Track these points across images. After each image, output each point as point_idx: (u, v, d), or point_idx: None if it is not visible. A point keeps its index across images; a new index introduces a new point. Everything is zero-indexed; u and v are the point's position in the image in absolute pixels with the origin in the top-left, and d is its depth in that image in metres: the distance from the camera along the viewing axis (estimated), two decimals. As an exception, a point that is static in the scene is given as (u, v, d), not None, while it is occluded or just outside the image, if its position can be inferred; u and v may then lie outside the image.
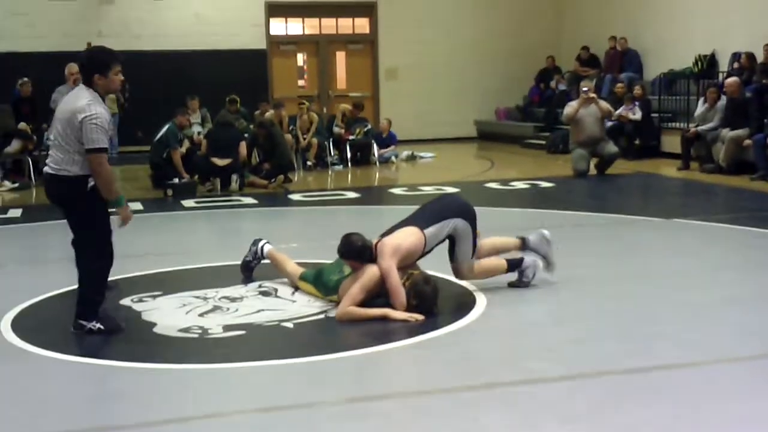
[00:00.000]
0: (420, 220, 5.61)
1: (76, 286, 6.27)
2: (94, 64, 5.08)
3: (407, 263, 5.46)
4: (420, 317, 5.18)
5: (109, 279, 5.45)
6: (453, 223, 5.59)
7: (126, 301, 5.87)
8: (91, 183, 5.02)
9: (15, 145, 13.11)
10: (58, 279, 6.50)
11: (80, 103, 4.96)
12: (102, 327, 5.09)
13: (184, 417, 3.87)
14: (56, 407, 4.03)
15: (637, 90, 14.86)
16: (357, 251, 5.46)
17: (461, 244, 5.65)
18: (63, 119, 5.03)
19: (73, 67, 11.05)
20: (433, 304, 5.34)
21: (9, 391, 4.26)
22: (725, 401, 3.92)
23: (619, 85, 15.46)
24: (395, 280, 5.27)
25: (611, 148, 12.73)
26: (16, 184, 12.71)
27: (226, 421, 3.84)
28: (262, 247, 6.39)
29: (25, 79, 13.90)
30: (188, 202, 10.93)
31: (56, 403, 4.09)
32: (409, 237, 5.47)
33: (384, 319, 5.20)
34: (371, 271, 5.35)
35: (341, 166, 14.76)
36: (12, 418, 3.90)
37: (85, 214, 5.16)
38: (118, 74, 5.11)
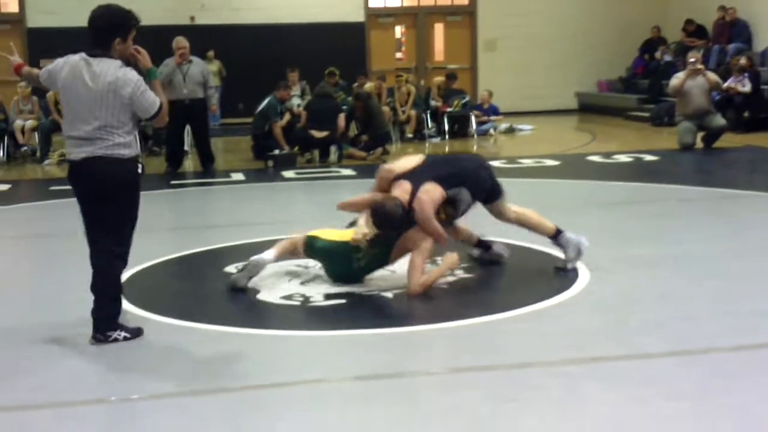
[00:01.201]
0: (442, 180, 5.43)
1: (179, 254, 6.52)
2: (115, 25, 4.46)
3: None
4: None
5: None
6: (462, 192, 5.50)
7: (230, 269, 5.98)
8: (140, 168, 4.53)
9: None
10: (163, 247, 6.67)
11: (117, 74, 4.39)
12: (128, 335, 4.53)
13: (286, 382, 3.93)
14: (166, 369, 4.15)
15: (743, 61, 14.31)
16: (401, 220, 5.31)
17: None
18: (98, 95, 4.37)
19: (180, 41, 11.32)
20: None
21: (120, 354, 4.40)
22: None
23: (736, 57, 14.86)
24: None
25: (719, 120, 12.32)
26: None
27: (327, 387, 3.88)
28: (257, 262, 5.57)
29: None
30: (288, 173, 11.07)
31: (165, 365, 4.21)
32: (437, 195, 5.38)
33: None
34: (428, 241, 5.30)
35: (438, 139, 14.71)
36: (124, 378, 4.03)
37: (130, 205, 4.54)
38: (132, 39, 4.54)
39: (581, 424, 3.39)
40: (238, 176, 11.05)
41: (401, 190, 5.38)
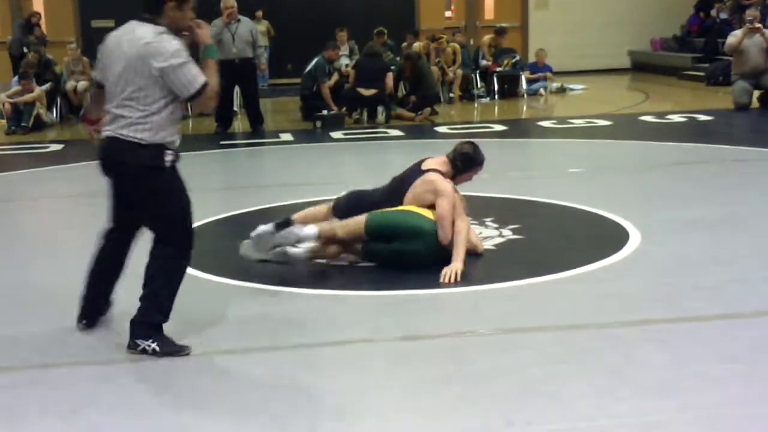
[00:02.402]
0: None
1: (229, 214, 6.56)
2: None
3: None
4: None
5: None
6: None
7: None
8: (169, 157, 3.89)
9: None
10: (213, 207, 6.73)
11: (152, 41, 3.76)
12: (158, 349, 3.82)
13: (337, 341, 3.96)
14: (217, 328, 4.19)
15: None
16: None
17: None
18: (128, 64, 3.77)
19: (228, 1, 11.31)
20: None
21: (173, 312, 4.44)
22: None
23: None
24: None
25: (776, 79, 12.00)
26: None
27: (377, 347, 3.90)
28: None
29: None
30: (336, 134, 11.06)
31: (217, 323, 4.25)
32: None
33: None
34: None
35: (488, 99, 14.56)
36: (178, 335, 4.08)
37: (153, 202, 3.92)
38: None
39: (632, 386, 3.36)
40: (287, 137, 11.07)
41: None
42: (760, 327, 4.00)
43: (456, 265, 4.80)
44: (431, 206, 5.06)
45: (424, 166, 5.30)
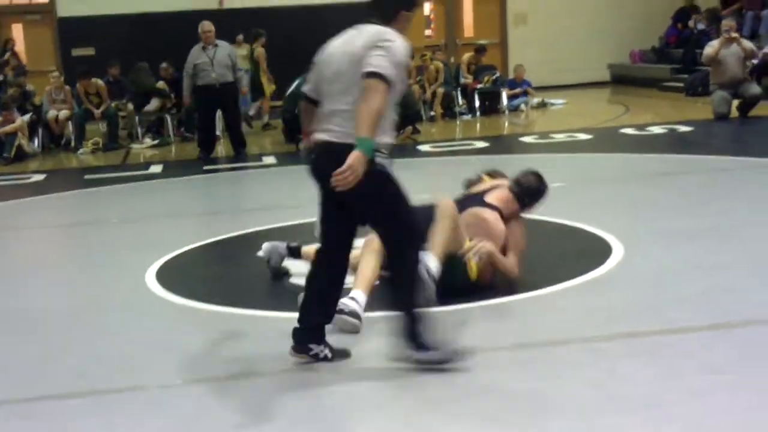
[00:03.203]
0: None
1: (213, 239, 6.55)
2: None
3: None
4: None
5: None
6: None
7: (263, 253, 5.99)
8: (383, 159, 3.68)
9: (154, 104, 13.56)
10: (197, 232, 6.72)
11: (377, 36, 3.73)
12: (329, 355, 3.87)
13: (317, 367, 3.93)
14: (202, 355, 4.18)
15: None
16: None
17: None
18: (346, 64, 3.75)
19: (205, 25, 11.33)
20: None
21: (158, 340, 4.44)
22: None
23: None
24: None
25: (754, 89, 12.10)
26: (156, 141, 13.18)
27: (357, 368, 3.88)
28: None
29: (164, 65, 14.18)
30: (320, 155, 11.03)
31: (203, 350, 4.24)
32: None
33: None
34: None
35: (470, 116, 14.61)
36: (164, 364, 4.07)
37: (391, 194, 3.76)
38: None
39: (616, 400, 3.37)
40: (270, 160, 11.07)
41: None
42: (746, 337, 4.01)
43: (488, 245, 4.77)
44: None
45: (486, 198, 5.14)
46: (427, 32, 19.38)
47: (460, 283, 4.72)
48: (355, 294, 4.40)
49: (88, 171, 10.97)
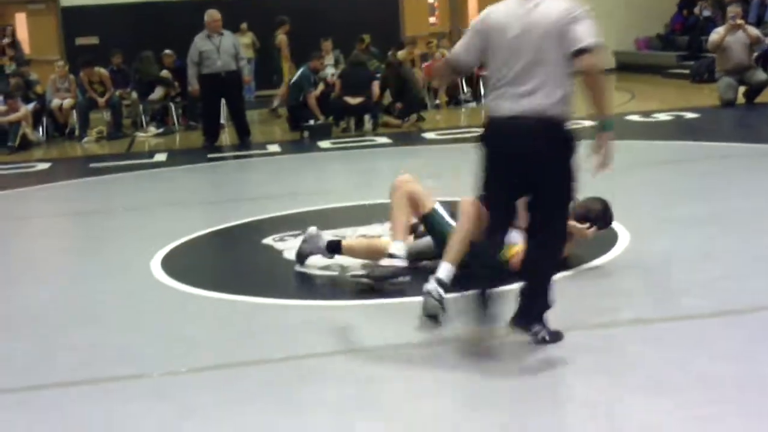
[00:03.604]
0: None
1: (218, 227, 6.53)
2: None
3: None
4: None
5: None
6: None
7: (268, 241, 5.98)
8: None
9: (158, 92, 13.53)
10: (201, 221, 6.71)
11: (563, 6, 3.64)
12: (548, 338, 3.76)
13: (328, 352, 3.92)
14: (209, 342, 4.17)
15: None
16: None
17: None
18: (538, 37, 3.62)
19: (213, 14, 11.30)
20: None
21: (163, 328, 4.43)
22: None
23: None
24: None
25: (760, 75, 12.04)
26: (161, 130, 13.16)
27: (366, 356, 3.86)
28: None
29: (167, 52, 14.15)
30: (324, 143, 11.04)
31: (208, 338, 4.23)
32: None
33: None
34: None
35: (474, 103, 14.55)
36: (168, 352, 4.05)
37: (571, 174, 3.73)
38: None
39: (625, 386, 3.35)
40: (274, 148, 11.05)
41: None
42: (754, 323, 3.98)
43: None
44: None
45: None
46: (432, 20, 19.32)
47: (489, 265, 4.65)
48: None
49: (92, 160, 10.96)
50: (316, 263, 5.26)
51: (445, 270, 4.23)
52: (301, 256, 5.23)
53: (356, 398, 3.43)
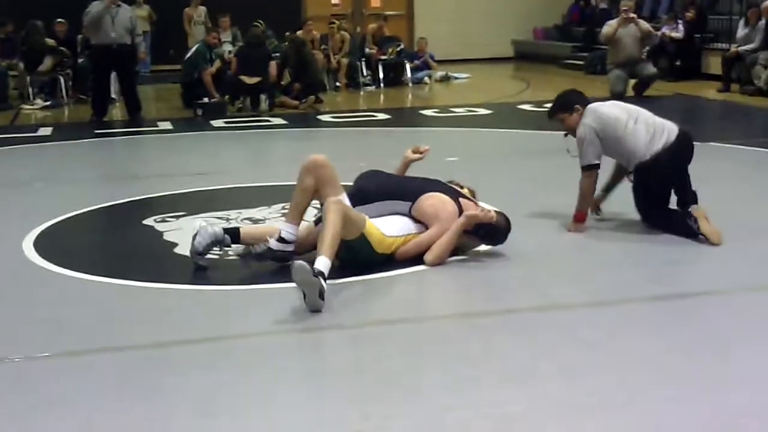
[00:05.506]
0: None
1: (99, 206, 6.34)
2: None
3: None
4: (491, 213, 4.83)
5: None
6: None
7: (149, 221, 5.85)
8: None
9: (47, 63, 13.05)
10: (82, 199, 6.50)
11: None
12: None
13: (199, 338, 3.86)
14: (74, 326, 4.03)
15: (689, 13, 14.33)
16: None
17: None
18: None
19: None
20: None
21: (28, 311, 4.27)
22: (748, 329, 3.82)
23: (688, 13, 14.64)
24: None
25: (650, 69, 12.41)
26: (48, 102, 12.72)
27: (243, 342, 3.82)
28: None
29: (60, 20, 13.69)
30: (217, 122, 10.87)
31: (74, 322, 4.09)
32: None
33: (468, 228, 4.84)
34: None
35: (373, 87, 14.56)
36: (31, 336, 3.92)
37: None
38: None
39: (492, 376, 3.39)
40: (166, 125, 10.80)
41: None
42: (620, 314, 4.09)
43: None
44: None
45: (461, 198, 5.03)
46: (334, 1, 19.19)
47: (364, 259, 4.65)
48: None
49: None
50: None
51: (324, 263, 4.17)
52: (198, 252, 4.86)
53: (220, 387, 3.38)
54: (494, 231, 4.89)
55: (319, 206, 4.93)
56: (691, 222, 5.09)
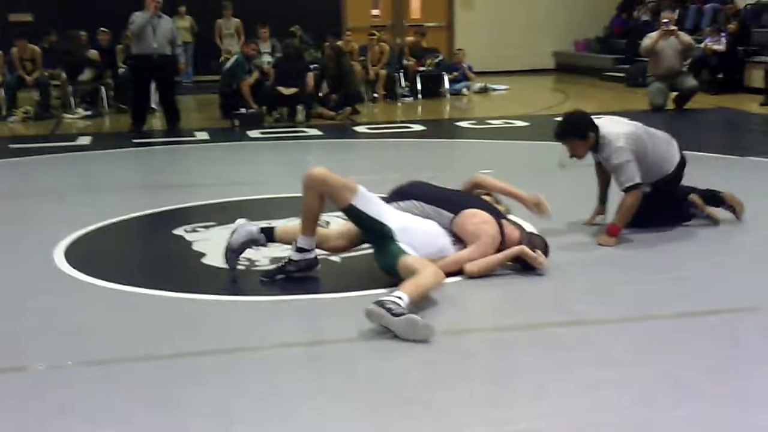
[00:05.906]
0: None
1: (131, 215, 6.40)
2: None
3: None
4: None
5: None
6: None
7: (179, 231, 5.89)
8: None
9: (87, 74, 13.26)
10: (115, 208, 6.57)
11: None
12: None
13: (226, 348, 3.86)
14: (98, 335, 4.06)
15: (731, 25, 14.13)
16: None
17: None
18: None
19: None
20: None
21: (54, 319, 4.31)
22: (777, 350, 3.74)
23: (731, 25, 14.47)
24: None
25: (690, 81, 12.24)
26: (89, 112, 12.90)
27: (266, 354, 3.81)
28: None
29: (103, 29, 13.94)
30: (254, 133, 10.93)
31: (98, 331, 4.12)
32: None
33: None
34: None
35: (411, 98, 14.55)
36: (55, 344, 3.95)
37: None
38: None
39: (510, 392, 3.35)
40: (203, 135, 10.90)
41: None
42: (646, 331, 4.02)
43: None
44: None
45: (504, 222, 5.00)
46: (374, 12, 19.26)
47: (385, 262, 4.63)
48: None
49: (14, 140, 10.70)
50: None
51: (406, 301, 4.00)
52: (232, 249, 4.93)
53: (244, 398, 3.37)
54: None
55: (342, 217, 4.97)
56: (693, 209, 5.63)
